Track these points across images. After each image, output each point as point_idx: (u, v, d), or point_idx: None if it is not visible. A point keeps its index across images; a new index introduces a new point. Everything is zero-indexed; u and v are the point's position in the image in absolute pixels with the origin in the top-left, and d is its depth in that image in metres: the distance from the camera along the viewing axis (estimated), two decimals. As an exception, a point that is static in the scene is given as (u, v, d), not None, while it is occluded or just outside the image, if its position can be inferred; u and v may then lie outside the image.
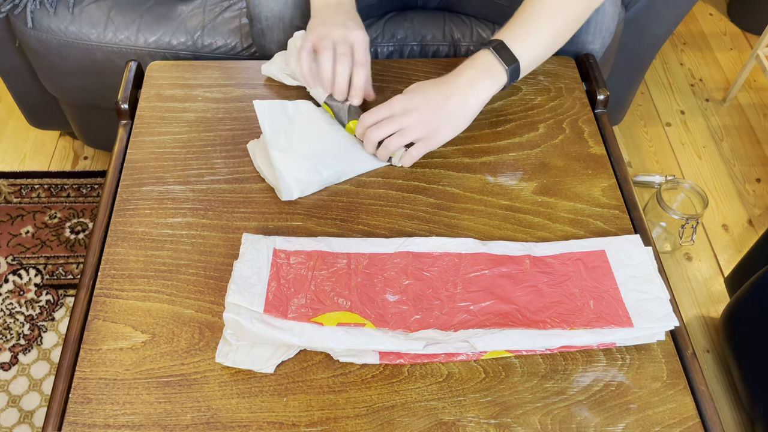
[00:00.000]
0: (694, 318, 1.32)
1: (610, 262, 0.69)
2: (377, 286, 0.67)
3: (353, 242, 0.70)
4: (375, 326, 0.64)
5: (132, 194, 0.76)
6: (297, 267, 0.67)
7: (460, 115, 0.77)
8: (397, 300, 0.66)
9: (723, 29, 1.92)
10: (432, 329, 0.64)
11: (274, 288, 0.65)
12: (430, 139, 0.77)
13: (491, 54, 0.76)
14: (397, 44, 1.08)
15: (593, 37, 0.93)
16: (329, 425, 0.60)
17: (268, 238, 0.69)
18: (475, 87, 0.76)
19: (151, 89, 0.86)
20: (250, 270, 0.66)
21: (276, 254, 0.68)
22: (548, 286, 0.67)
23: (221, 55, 1.13)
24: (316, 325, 0.63)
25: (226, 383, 0.62)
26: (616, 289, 0.67)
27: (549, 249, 0.71)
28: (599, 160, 0.81)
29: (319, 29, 0.80)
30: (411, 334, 0.63)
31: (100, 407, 0.60)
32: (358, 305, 0.65)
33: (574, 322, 0.64)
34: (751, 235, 1.45)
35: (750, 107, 1.71)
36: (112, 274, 0.69)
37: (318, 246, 0.69)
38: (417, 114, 0.76)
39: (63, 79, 1.22)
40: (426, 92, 0.77)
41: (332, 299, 0.66)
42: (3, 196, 1.43)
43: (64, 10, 1.13)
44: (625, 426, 0.60)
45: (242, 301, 0.63)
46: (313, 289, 0.66)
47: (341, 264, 0.68)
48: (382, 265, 0.68)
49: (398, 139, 0.76)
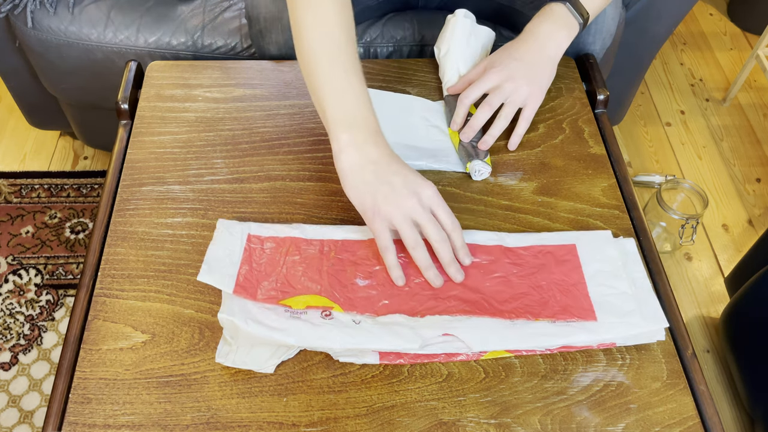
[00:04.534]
0: (694, 318, 1.32)
1: (579, 256, 0.70)
2: (348, 270, 0.67)
3: (327, 229, 0.70)
4: (343, 310, 0.64)
5: (132, 194, 0.76)
6: (270, 252, 0.68)
7: (552, 66, 0.81)
8: (366, 285, 0.66)
9: (723, 29, 1.92)
10: (399, 314, 0.64)
11: (246, 271, 0.66)
12: (535, 97, 0.79)
13: (565, 8, 0.80)
14: (397, 44, 1.08)
15: (594, 38, 0.93)
16: (329, 425, 0.60)
17: (242, 224, 0.70)
18: (555, 38, 0.80)
19: (151, 89, 0.86)
20: (223, 252, 0.67)
21: (250, 239, 0.69)
22: (517, 278, 0.68)
23: (221, 55, 1.13)
24: (311, 325, 0.63)
25: (226, 383, 0.62)
26: (583, 283, 0.68)
27: (521, 240, 0.71)
28: (599, 160, 0.81)
29: (383, 210, 0.64)
30: (378, 318, 0.64)
31: (100, 407, 0.60)
32: (328, 289, 0.65)
33: (539, 314, 0.65)
34: (751, 235, 1.45)
35: (750, 107, 1.71)
36: (112, 274, 0.69)
37: (292, 233, 0.69)
38: (517, 78, 0.78)
39: (63, 79, 1.22)
40: (513, 55, 0.80)
41: (302, 283, 0.66)
42: (3, 196, 1.43)
43: (64, 10, 1.13)
44: (625, 426, 0.60)
45: (212, 281, 0.64)
46: (284, 273, 0.66)
47: (313, 250, 0.68)
48: (354, 251, 0.68)
49: (509, 108, 0.79)
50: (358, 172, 0.66)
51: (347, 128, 0.66)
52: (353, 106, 0.67)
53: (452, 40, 0.85)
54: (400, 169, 0.66)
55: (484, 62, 0.81)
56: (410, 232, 0.64)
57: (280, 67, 0.90)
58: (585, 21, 0.82)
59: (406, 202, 0.64)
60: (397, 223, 0.64)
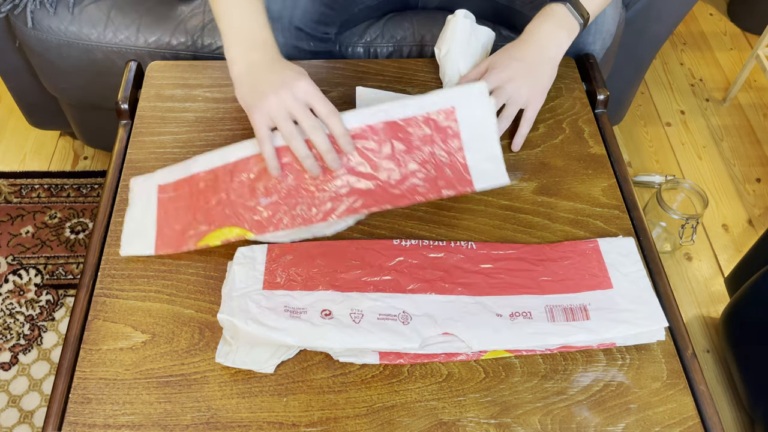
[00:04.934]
0: (694, 318, 1.32)
1: (458, 121, 0.69)
2: (248, 192, 0.69)
3: (222, 152, 0.71)
4: (255, 233, 0.68)
5: (132, 194, 0.75)
6: (180, 198, 0.71)
7: (553, 66, 0.81)
8: (269, 203, 0.68)
9: (723, 29, 1.92)
10: (303, 226, 0.68)
11: (162, 226, 0.70)
12: (537, 97, 0.79)
13: (565, 8, 0.80)
14: (397, 44, 1.08)
15: (594, 38, 0.93)
16: (329, 425, 0.60)
17: (151, 178, 0.73)
18: (555, 38, 0.80)
19: (151, 89, 0.86)
20: (139, 213, 0.71)
21: (160, 190, 0.72)
22: (405, 154, 0.68)
23: (221, 55, 1.13)
24: (310, 325, 0.63)
25: (226, 383, 0.62)
26: (461, 149, 0.69)
27: (401, 112, 0.69)
28: (599, 160, 0.81)
29: (259, 105, 0.68)
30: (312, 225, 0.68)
31: (100, 407, 0.60)
32: (235, 217, 0.68)
33: (426, 193, 0.68)
34: (751, 235, 1.45)
35: (750, 107, 1.71)
36: (112, 274, 0.69)
37: (193, 168, 0.72)
38: (519, 79, 0.78)
39: (63, 79, 1.22)
40: (514, 56, 0.79)
41: (212, 219, 0.69)
42: (3, 196, 1.43)
43: (64, 10, 1.13)
44: (625, 426, 0.60)
45: (133, 251, 0.68)
46: (195, 214, 0.70)
47: (215, 182, 0.70)
48: (250, 169, 0.70)
49: (510, 108, 0.78)
50: (245, 77, 0.71)
51: (236, 43, 0.73)
52: (239, 22, 0.73)
53: (453, 40, 0.85)
54: (280, 68, 0.70)
55: (485, 63, 0.81)
56: (285, 123, 0.67)
57: (280, 67, 0.90)
58: (585, 21, 0.81)
59: (281, 96, 0.67)
60: (273, 117, 0.67)
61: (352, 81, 0.87)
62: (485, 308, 0.65)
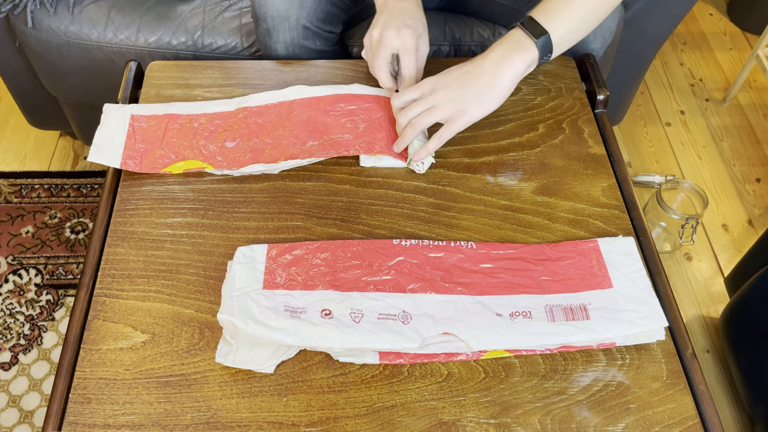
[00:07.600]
0: (694, 318, 1.32)
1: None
2: (217, 137, 0.79)
3: (200, 104, 0.82)
4: (213, 167, 0.77)
5: (132, 194, 0.76)
6: (151, 129, 0.80)
7: (491, 92, 0.75)
8: (233, 146, 0.78)
9: (723, 29, 1.92)
10: (260, 164, 0.76)
11: (130, 146, 0.78)
12: (458, 118, 0.75)
13: (520, 29, 0.75)
14: (397, 44, 1.08)
15: (594, 37, 0.93)
16: (329, 425, 0.60)
17: (126, 107, 0.82)
18: (504, 63, 0.75)
19: (151, 89, 0.86)
20: (108, 134, 0.79)
21: (133, 119, 0.80)
22: (362, 114, 0.80)
23: (221, 55, 1.13)
24: (310, 325, 0.63)
25: (226, 383, 0.62)
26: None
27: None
28: (599, 160, 0.81)
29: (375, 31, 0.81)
30: (249, 167, 0.76)
31: (100, 407, 0.60)
32: (200, 153, 0.78)
33: (357, 149, 0.78)
34: (751, 235, 1.45)
35: (750, 107, 1.71)
36: (112, 274, 0.69)
37: (169, 110, 0.82)
38: (445, 92, 0.75)
39: (63, 79, 1.22)
40: (455, 72, 0.76)
41: (179, 152, 0.78)
42: (3, 196, 1.43)
43: (64, 10, 1.13)
44: (625, 426, 0.60)
45: (100, 159, 0.76)
46: (164, 145, 0.78)
47: (188, 123, 0.80)
48: (225, 120, 0.81)
49: (426, 118, 0.76)
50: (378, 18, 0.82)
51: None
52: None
53: None
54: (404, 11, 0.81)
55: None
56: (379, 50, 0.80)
57: (279, 67, 0.90)
58: (546, 42, 0.75)
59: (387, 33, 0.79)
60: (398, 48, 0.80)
61: (354, 81, 0.87)
62: (485, 308, 0.65)
